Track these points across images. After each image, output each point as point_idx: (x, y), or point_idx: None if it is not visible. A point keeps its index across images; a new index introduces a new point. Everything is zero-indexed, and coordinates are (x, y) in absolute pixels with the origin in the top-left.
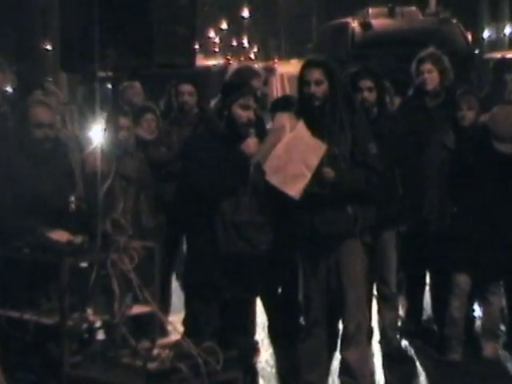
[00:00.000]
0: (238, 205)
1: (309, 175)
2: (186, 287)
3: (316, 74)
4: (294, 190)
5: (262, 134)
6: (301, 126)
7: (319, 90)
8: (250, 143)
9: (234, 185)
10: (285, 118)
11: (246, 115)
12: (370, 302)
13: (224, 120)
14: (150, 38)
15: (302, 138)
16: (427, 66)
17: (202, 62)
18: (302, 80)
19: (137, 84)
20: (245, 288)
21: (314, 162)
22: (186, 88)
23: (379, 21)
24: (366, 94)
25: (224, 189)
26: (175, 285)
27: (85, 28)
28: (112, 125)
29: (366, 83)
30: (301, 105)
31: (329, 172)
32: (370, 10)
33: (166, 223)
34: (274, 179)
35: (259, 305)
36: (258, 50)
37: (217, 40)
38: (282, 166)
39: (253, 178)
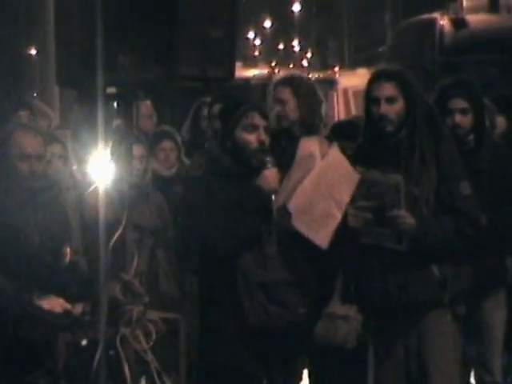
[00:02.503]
0: (264, 259)
1: (339, 215)
2: (201, 378)
3: (388, 89)
4: (321, 237)
5: (288, 162)
6: (334, 152)
7: (392, 111)
8: (268, 175)
9: (253, 233)
10: (313, 143)
11: (256, 137)
12: None
13: (229, 152)
14: (173, 41)
15: (335, 166)
16: None
17: (240, 72)
18: (369, 97)
19: (146, 103)
20: (286, 370)
21: (345, 197)
22: None
23: (477, 17)
24: (459, 117)
25: (242, 240)
26: None
27: (87, 28)
28: (121, 156)
29: (459, 103)
30: (368, 130)
31: (406, 219)
32: (465, 2)
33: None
34: (298, 223)
35: None
36: (313, 55)
37: (257, 42)
38: (308, 204)
39: (278, 223)
